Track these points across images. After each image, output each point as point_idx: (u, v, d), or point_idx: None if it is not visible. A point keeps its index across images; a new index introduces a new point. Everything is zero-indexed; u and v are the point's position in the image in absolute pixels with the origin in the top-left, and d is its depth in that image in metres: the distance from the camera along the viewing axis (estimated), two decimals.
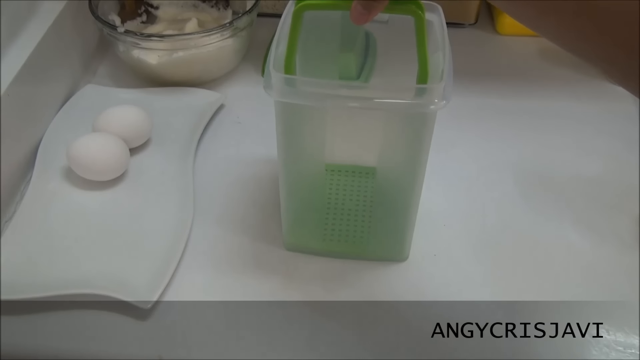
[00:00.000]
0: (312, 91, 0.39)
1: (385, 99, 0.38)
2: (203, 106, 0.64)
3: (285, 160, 0.45)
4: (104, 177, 0.55)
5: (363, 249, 0.51)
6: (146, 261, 0.49)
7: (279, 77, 0.39)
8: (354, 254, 0.51)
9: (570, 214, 0.55)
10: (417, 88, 0.39)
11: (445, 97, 0.38)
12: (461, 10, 0.76)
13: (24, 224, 0.52)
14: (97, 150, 0.54)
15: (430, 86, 0.38)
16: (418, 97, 0.38)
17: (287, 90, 0.39)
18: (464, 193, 0.57)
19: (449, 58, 0.39)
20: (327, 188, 0.54)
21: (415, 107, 0.38)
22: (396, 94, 0.38)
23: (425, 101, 0.38)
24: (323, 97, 0.39)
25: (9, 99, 0.54)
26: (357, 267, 0.50)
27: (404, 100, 0.38)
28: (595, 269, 0.51)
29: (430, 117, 0.40)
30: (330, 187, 0.55)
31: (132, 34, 0.63)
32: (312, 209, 0.51)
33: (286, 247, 0.51)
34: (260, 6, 0.68)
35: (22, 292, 0.46)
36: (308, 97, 0.39)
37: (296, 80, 0.39)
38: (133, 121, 0.58)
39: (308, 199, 0.49)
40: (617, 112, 0.65)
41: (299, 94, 0.39)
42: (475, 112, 0.65)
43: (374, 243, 0.51)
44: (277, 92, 0.39)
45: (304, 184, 0.47)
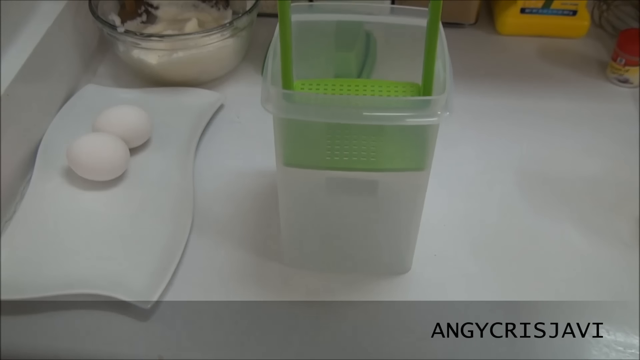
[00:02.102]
0: (312, 106, 0.37)
1: (387, 113, 0.37)
2: (203, 106, 0.64)
3: (284, 172, 0.43)
4: (104, 177, 0.55)
5: (364, 262, 0.50)
6: (146, 261, 0.49)
7: (276, 92, 0.37)
8: (355, 268, 0.50)
9: (570, 214, 0.55)
10: (421, 100, 0.38)
11: (448, 108, 0.37)
12: (461, 10, 0.76)
13: (24, 224, 0.52)
14: (97, 150, 0.54)
15: (434, 98, 0.37)
16: (421, 109, 0.37)
17: (286, 106, 0.37)
18: (464, 193, 0.57)
19: (449, 67, 0.39)
20: (327, 200, 0.53)
21: (418, 119, 0.37)
22: (399, 106, 0.37)
23: (428, 113, 0.37)
24: (323, 111, 0.37)
25: (9, 99, 0.54)
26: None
27: (406, 114, 0.37)
28: (595, 269, 0.51)
29: (433, 128, 0.39)
30: (332, 200, 0.53)
31: (132, 34, 0.63)
32: (313, 224, 0.48)
33: (286, 262, 0.50)
34: (260, 6, 0.68)
35: (22, 292, 0.46)
36: (308, 113, 0.37)
37: (295, 95, 0.38)
38: (133, 121, 0.58)
39: (308, 213, 0.47)
40: (617, 112, 0.65)
41: (298, 109, 0.37)
42: (475, 112, 0.65)
43: (375, 257, 0.50)
44: (275, 108, 0.37)
45: (304, 198, 0.45)
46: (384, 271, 0.50)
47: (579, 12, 0.74)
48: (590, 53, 0.74)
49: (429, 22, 0.37)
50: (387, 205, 0.45)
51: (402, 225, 0.46)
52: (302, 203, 0.45)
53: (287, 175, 0.43)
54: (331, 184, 0.44)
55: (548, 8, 0.74)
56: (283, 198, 0.45)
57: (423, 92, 0.38)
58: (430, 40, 0.37)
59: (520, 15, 0.75)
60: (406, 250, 0.48)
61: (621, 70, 0.68)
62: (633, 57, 0.66)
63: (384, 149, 0.42)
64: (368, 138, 0.42)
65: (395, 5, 0.48)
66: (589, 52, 0.74)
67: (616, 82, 0.69)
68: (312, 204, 0.45)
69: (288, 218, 0.47)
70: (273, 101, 0.37)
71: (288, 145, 0.41)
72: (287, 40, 0.37)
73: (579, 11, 0.74)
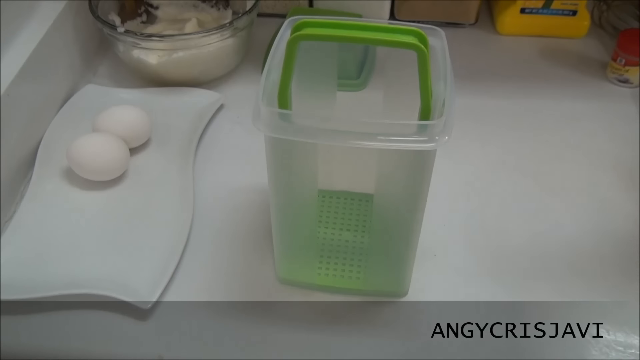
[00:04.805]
0: (306, 126, 0.36)
1: (384, 137, 0.36)
2: (203, 106, 0.64)
3: (275, 189, 0.42)
4: (104, 177, 0.55)
5: (359, 284, 0.49)
6: (146, 261, 0.49)
7: (270, 111, 0.36)
8: (349, 289, 0.48)
9: (569, 213, 0.55)
10: (418, 125, 0.36)
11: (447, 132, 0.35)
12: (461, 10, 0.76)
13: (24, 224, 0.52)
14: (97, 150, 0.54)
15: (431, 123, 0.35)
16: (418, 134, 0.36)
17: (280, 125, 0.36)
18: (464, 193, 0.57)
19: (451, 88, 0.37)
20: (321, 217, 0.53)
21: (415, 145, 0.36)
22: (395, 131, 0.36)
23: (425, 138, 0.35)
24: (317, 132, 0.36)
25: (9, 99, 0.54)
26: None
27: (403, 138, 0.35)
28: (595, 269, 0.51)
29: (431, 152, 0.38)
30: (327, 217, 0.53)
31: (132, 34, 0.63)
32: (305, 241, 0.47)
33: (279, 280, 0.49)
34: (260, 6, 0.68)
35: (22, 292, 0.46)
36: (302, 133, 0.36)
37: (289, 115, 0.36)
38: (133, 121, 0.58)
39: (301, 230, 0.46)
40: (617, 112, 0.65)
41: (292, 129, 0.36)
42: (475, 112, 0.65)
43: (371, 278, 0.49)
44: (267, 127, 0.36)
45: (297, 214, 0.44)
46: (381, 293, 0.49)
47: (579, 12, 0.74)
48: (590, 53, 0.74)
49: (419, 70, 0.36)
50: (383, 223, 0.44)
51: (399, 244, 0.44)
52: (297, 220, 0.45)
53: (279, 195, 0.42)
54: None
55: (548, 8, 0.74)
56: (276, 219, 0.44)
57: (421, 117, 0.37)
58: (421, 65, 0.36)
59: (520, 15, 0.75)
60: (403, 272, 0.47)
61: (621, 70, 0.68)
62: (633, 57, 0.66)
63: (378, 168, 0.41)
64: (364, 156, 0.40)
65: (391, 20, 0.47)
66: (589, 52, 0.74)
67: (616, 82, 0.69)
68: (306, 218, 0.45)
69: (280, 242, 0.46)
70: (265, 121, 0.36)
71: (279, 164, 0.40)
72: (291, 59, 0.37)
73: (579, 11, 0.74)
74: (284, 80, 0.38)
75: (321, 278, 0.49)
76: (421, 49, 0.35)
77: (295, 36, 0.36)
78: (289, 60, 0.37)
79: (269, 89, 0.38)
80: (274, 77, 0.39)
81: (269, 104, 0.37)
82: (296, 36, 0.36)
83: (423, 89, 0.36)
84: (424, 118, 0.37)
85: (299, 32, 0.36)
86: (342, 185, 0.55)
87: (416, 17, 0.76)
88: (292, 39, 0.36)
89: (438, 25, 0.42)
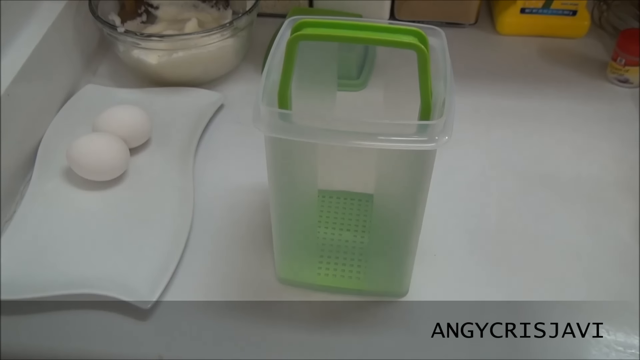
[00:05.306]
0: (307, 126, 0.36)
1: (384, 137, 0.36)
2: (203, 106, 0.64)
3: (275, 189, 0.42)
4: (104, 177, 0.55)
5: (359, 284, 0.49)
6: (146, 261, 0.49)
7: (270, 111, 0.36)
8: (349, 289, 0.48)
9: (570, 213, 0.55)
10: (418, 125, 0.36)
11: (447, 132, 0.35)
12: (461, 10, 0.76)
13: (24, 224, 0.52)
14: (97, 150, 0.54)
15: (431, 123, 0.35)
16: (418, 134, 0.36)
17: (280, 125, 0.36)
18: (464, 193, 0.57)
19: (451, 88, 0.37)
20: (321, 217, 0.53)
21: (415, 145, 0.36)
22: (395, 131, 0.36)
23: (425, 138, 0.35)
24: (318, 132, 0.36)
25: (9, 99, 0.54)
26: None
27: (403, 138, 0.35)
28: (595, 269, 0.51)
29: (431, 153, 0.38)
30: (327, 217, 0.53)
31: (132, 34, 0.63)
32: (305, 241, 0.47)
33: (279, 280, 0.49)
34: (260, 6, 0.68)
35: (22, 292, 0.46)
36: (302, 133, 0.36)
37: (289, 115, 0.37)
38: (133, 121, 0.58)
39: (301, 230, 0.46)
40: (617, 112, 0.65)
41: (292, 129, 0.36)
42: (475, 111, 0.65)
43: (371, 278, 0.48)
44: (267, 127, 0.36)
45: (296, 214, 0.44)
46: (380, 292, 0.49)
47: (579, 12, 0.74)
48: (590, 53, 0.74)
49: (419, 70, 0.36)
50: (383, 223, 0.44)
51: (399, 243, 0.44)
52: (297, 220, 0.45)
53: (279, 195, 0.43)
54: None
55: (548, 8, 0.74)
56: (276, 219, 0.44)
57: (421, 117, 0.38)
58: (421, 66, 0.36)
59: (520, 15, 0.75)
60: (403, 272, 0.47)
61: (621, 70, 0.68)
62: (633, 57, 0.66)
63: (378, 168, 0.41)
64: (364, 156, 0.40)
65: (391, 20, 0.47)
66: (589, 52, 0.74)
67: (616, 82, 0.69)
68: (306, 218, 0.45)
69: (280, 242, 0.46)
70: (265, 121, 0.36)
71: (279, 164, 0.40)
72: (291, 60, 0.37)
73: (579, 11, 0.74)
74: (284, 80, 0.38)
75: (321, 278, 0.49)
76: (421, 49, 0.35)
77: (295, 36, 0.36)
78: (289, 60, 0.37)
79: (269, 89, 0.38)
80: (274, 77, 0.39)
81: (269, 104, 0.37)
82: (296, 36, 0.36)
83: (423, 89, 0.37)
84: (424, 118, 0.38)
85: (299, 32, 0.36)
86: (342, 185, 0.55)
87: (416, 17, 0.76)
88: (292, 39, 0.36)
89: (438, 25, 0.42)
